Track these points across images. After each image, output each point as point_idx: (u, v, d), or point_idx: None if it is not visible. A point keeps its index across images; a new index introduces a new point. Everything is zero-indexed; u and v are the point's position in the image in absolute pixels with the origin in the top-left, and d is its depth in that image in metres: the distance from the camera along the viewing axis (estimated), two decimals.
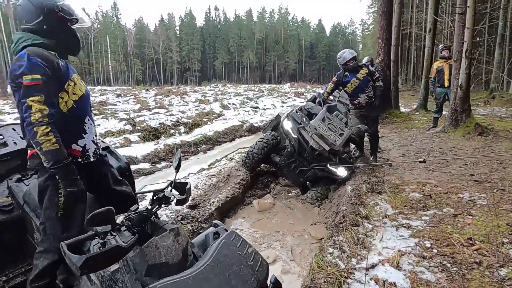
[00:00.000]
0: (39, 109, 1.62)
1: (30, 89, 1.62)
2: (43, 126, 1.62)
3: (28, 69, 1.63)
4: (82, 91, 1.91)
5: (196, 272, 1.47)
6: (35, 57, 1.65)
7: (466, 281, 2.15)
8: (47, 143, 1.62)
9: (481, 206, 3.35)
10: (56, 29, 1.81)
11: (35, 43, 1.74)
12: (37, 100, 1.62)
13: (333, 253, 2.46)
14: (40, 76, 1.65)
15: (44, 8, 1.77)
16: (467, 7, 6.39)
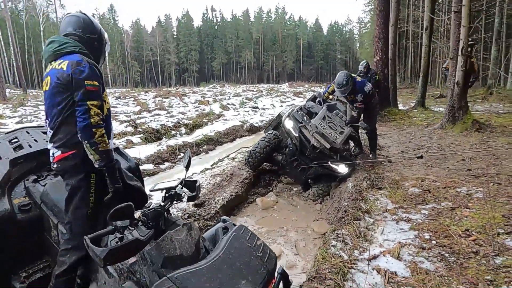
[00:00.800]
0: (97, 113, 1.79)
1: (91, 94, 1.78)
2: (100, 128, 1.79)
3: (90, 75, 1.79)
4: (107, 100, 2.05)
5: (209, 263, 1.57)
6: (93, 66, 1.84)
7: (463, 269, 2.26)
8: (103, 143, 1.80)
9: (478, 199, 3.46)
10: (99, 49, 2.03)
11: (82, 52, 1.89)
12: (95, 105, 1.79)
13: (336, 245, 2.57)
14: (98, 83, 1.83)
15: (101, 30, 2.03)
16: (463, 5, 6.51)
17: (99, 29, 2.03)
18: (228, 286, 1.50)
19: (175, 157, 6.90)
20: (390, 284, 2.12)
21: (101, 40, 2.05)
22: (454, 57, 6.99)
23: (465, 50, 6.65)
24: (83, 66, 1.79)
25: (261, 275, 1.65)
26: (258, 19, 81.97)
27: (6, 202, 2.13)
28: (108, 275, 1.94)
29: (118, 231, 1.66)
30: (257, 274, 1.64)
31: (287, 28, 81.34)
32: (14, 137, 2.56)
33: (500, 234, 2.68)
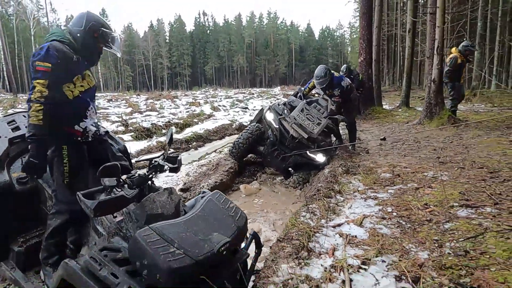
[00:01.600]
0: (40, 90, 1.94)
1: (39, 73, 1.96)
2: (37, 103, 1.93)
3: (43, 57, 1.98)
4: (90, 85, 2.28)
5: (186, 218, 1.82)
6: (53, 50, 2.00)
7: (416, 233, 2.55)
8: (34, 118, 1.94)
9: (441, 181, 3.76)
10: (87, 42, 2.20)
11: (62, 40, 2.11)
12: (41, 83, 1.95)
13: (306, 216, 2.85)
14: (51, 65, 1.98)
15: (90, 25, 2.18)
16: (437, 7, 6.90)
17: (88, 24, 2.18)
18: (202, 236, 1.75)
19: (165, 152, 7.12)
20: (349, 244, 2.40)
21: (88, 35, 2.19)
22: (430, 56, 7.37)
23: (440, 50, 7.03)
24: (41, 50, 1.99)
25: (232, 230, 1.90)
26: (250, 24, 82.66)
27: (5, 175, 2.38)
28: (98, 235, 2.19)
29: (106, 190, 1.93)
30: (228, 229, 1.89)
31: (279, 33, 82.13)
32: (12, 119, 2.80)
33: (454, 207, 2.98)
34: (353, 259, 2.18)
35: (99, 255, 1.76)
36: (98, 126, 2.42)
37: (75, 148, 2.21)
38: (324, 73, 5.09)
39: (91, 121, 2.31)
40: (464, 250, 2.19)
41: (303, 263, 2.13)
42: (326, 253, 2.29)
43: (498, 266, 1.97)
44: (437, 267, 2.02)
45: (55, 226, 2.17)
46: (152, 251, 1.56)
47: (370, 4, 10.20)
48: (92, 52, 2.28)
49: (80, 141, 2.24)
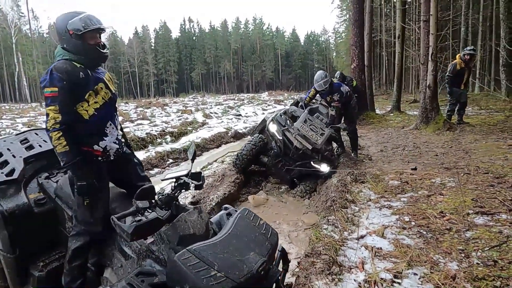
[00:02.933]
0: (54, 117, 1.90)
1: (48, 100, 1.92)
2: (55, 131, 1.90)
3: (49, 82, 1.92)
4: (106, 98, 2.14)
5: (221, 239, 1.79)
6: (57, 72, 1.92)
7: (439, 242, 2.57)
8: (59, 146, 1.91)
9: (450, 187, 3.83)
10: (74, 45, 2.01)
11: (65, 58, 2.02)
12: (53, 109, 1.91)
13: (328, 228, 2.85)
14: (58, 89, 1.91)
15: (60, 31, 2.02)
16: (430, 15, 7.07)
17: (59, 32, 2.03)
18: (239, 256, 1.72)
19: (164, 163, 7.04)
20: (377, 257, 2.40)
21: (67, 39, 2.02)
22: (425, 62, 7.53)
23: (435, 56, 7.20)
24: (46, 74, 1.94)
25: (266, 248, 1.87)
26: (236, 30, 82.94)
27: (23, 197, 2.29)
28: (125, 257, 2.12)
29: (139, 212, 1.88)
30: (263, 247, 1.87)
31: (265, 39, 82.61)
32: (25, 137, 2.71)
33: (470, 214, 3.02)
34: (384, 273, 2.18)
35: (135, 280, 1.72)
36: (121, 143, 2.31)
37: (96, 168, 2.14)
38: (324, 75, 5.30)
39: (112, 139, 2.20)
40: (493, 260, 2.22)
41: (336, 279, 2.12)
42: (356, 267, 2.28)
43: None
44: (470, 279, 2.04)
45: (75, 247, 2.11)
46: (194, 275, 1.53)
47: (362, 11, 10.38)
48: (85, 51, 2.06)
49: (101, 160, 2.17)
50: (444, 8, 22.48)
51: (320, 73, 5.32)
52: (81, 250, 2.13)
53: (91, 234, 2.12)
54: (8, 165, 2.42)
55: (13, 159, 2.47)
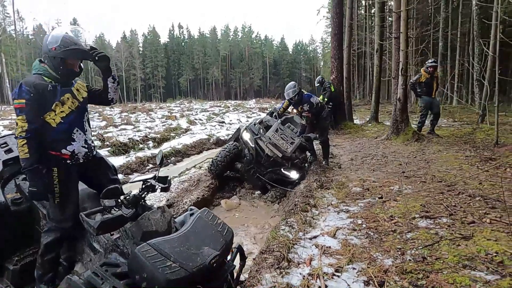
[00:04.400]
0: (21, 126, 2.10)
1: (17, 110, 2.13)
2: (21, 139, 2.11)
3: (18, 95, 2.13)
4: (72, 107, 2.32)
5: (179, 235, 2.03)
6: (25, 86, 2.13)
7: (382, 242, 2.87)
8: (22, 152, 2.12)
9: (405, 194, 4.16)
10: (52, 63, 2.23)
11: (38, 73, 2.25)
12: (20, 119, 2.11)
13: (285, 229, 3.12)
14: (25, 101, 2.11)
15: (44, 49, 2.24)
16: (400, 32, 7.53)
17: (43, 49, 2.24)
18: (194, 250, 1.96)
19: (144, 168, 7.22)
20: (324, 254, 2.69)
21: (47, 57, 2.23)
22: (396, 77, 7.98)
23: (404, 71, 7.64)
24: (17, 88, 2.15)
25: (220, 244, 2.12)
26: (225, 37, 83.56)
27: (1, 196, 2.49)
28: (94, 252, 2.35)
29: (106, 210, 2.12)
30: (217, 242, 2.11)
31: (253, 46, 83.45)
32: (4, 142, 2.91)
33: (415, 218, 3.35)
34: (327, 267, 2.46)
35: (100, 270, 1.93)
36: (91, 147, 2.51)
37: (65, 170, 2.33)
38: (293, 85, 5.70)
39: (80, 143, 2.40)
40: (422, 257, 2.53)
41: (284, 272, 2.38)
42: (304, 263, 2.55)
43: (449, 270, 2.31)
44: (399, 272, 2.33)
45: (47, 242, 2.29)
46: (151, 265, 1.76)
47: (341, 25, 10.85)
48: (60, 70, 2.26)
49: (70, 163, 2.37)
50: (423, 24, 23.41)
51: (290, 84, 5.71)
52: (53, 245, 2.32)
53: (62, 230, 2.31)
54: None
55: None
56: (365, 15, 31.64)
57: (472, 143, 7.01)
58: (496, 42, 8.42)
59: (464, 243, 2.68)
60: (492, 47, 8.65)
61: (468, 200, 3.73)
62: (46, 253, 2.31)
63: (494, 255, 2.43)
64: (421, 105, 8.39)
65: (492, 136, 7.25)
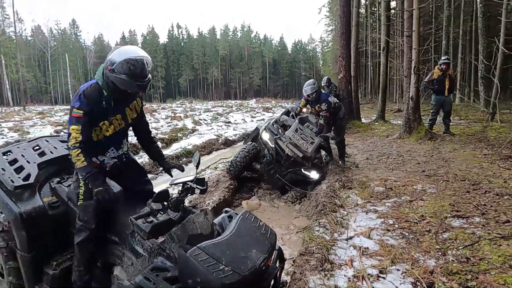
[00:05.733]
0: (75, 137, 2.09)
1: (73, 119, 2.09)
2: (74, 149, 2.09)
3: (78, 104, 2.09)
4: (117, 129, 2.30)
5: (226, 237, 2.00)
6: (85, 98, 2.09)
7: (419, 243, 2.85)
8: (78, 162, 2.10)
9: (430, 193, 4.15)
10: (106, 80, 2.13)
11: (98, 82, 2.16)
12: (75, 129, 2.09)
13: (319, 230, 3.09)
14: (83, 112, 2.08)
15: (108, 59, 2.11)
16: (413, 31, 7.51)
17: (109, 57, 2.10)
18: (243, 253, 1.93)
19: (157, 169, 7.17)
20: (364, 255, 2.66)
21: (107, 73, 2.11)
22: (408, 75, 7.95)
23: (417, 69, 7.62)
24: (77, 95, 2.11)
25: (267, 246, 2.09)
26: (225, 37, 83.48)
27: (38, 200, 2.45)
28: (137, 256, 2.30)
29: (152, 213, 2.09)
30: (263, 245, 2.08)
31: (253, 46, 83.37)
32: (36, 144, 2.87)
33: (447, 218, 3.33)
34: (371, 269, 2.43)
35: (151, 274, 1.90)
36: (122, 158, 2.49)
37: None
38: (313, 82, 5.68)
39: (111, 156, 2.40)
40: (465, 257, 2.50)
41: (328, 275, 2.36)
42: (345, 264, 2.53)
43: (496, 270, 2.29)
44: (445, 273, 2.31)
45: (78, 241, 2.28)
46: (205, 269, 1.72)
47: (349, 24, 10.83)
48: (116, 94, 2.18)
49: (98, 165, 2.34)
50: (426, 22, 23.40)
51: (310, 81, 5.69)
52: (83, 244, 2.29)
53: (89, 230, 2.29)
54: (24, 170, 2.58)
55: (27, 164, 2.64)
56: (366, 14, 31.60)
57: (486, 141, 6.99)
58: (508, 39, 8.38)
59: (505, 243, 2.66)
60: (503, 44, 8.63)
61: (496, 199, 3.71)
62: (79, 253, 2.31)
63: None
64: (433, 103, 8.34)
65: (505, 134, 7.24)
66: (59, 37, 66.83)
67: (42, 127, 12.12)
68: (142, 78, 2.09)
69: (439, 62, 8.04)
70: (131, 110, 2.36)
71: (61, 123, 13.15)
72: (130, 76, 2.04)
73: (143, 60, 2.07)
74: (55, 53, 60.71)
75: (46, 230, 2.41)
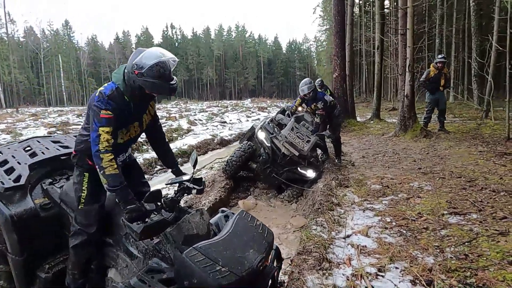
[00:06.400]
0: (107, 139, 1.93)
1: (103, 120, 1.92)
2: (107, 153, 1.93)
3: (105, 105, 1.94)
4: (132, 135, 2.22)
5: (223, 238, 1.96)
6: (112, 101, 1.96)
7: (417, 240, 2.83)
8: (110, 168, 1.93)
9: (427, 191, 4.14)
10: (131, 84, 1.99)
11: (118, 86, 2.02)
12: (107, 131, 1.93)
13: (317, 229, 3.06)
14: (113, 114, 1.95)
15: (128, 65, 2.01)
16: (407, 29, 7.52)
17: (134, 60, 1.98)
18: (240, 253, 1.89)
19: (152, 170, 7.11)
20: (362, 254, 2.63)
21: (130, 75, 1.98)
22: (403, 73, 7.96)
23: (412, 67, 7.63)
24: (102, 97, 1.95)
25: (264, 246, 2.05)
26: (219, 37, 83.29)
27: (30, 202, 2.39)
28: (131, 257, 2.26)
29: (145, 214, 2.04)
30: (261, 245, 2.04)
31: (247, 46, 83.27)
32: (27, 145, 2.81)
33: (444, 215, 3.32)
34: (369, 267, 2.40)
35: (146, 276, 1.86)
36: (126, 160, 2.42)
37: (96, 177, 2.14)
38: (309, 81, 5.61)
39: (118, 160, 2.25)
40: (464, 254, 2.49)
41: (327, 274, 2.33)
42: (344, 263, 2.50)
43: (495, 267, 2.27)
44: (444, 270, 2.29)
45: (74, 245, 2.20)
46: (201, 270, 1.68)
47: (343, 23, 10.83)
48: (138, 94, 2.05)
49: None
50: (420, 21, 23.52)
51: (306, 80, 5.64)
52: (79, 248, 2.21)
53: (87, 234, 2.21)
54: (15, 171, 2.52)
55: (18, 165, 2.57)
56: (360, 13, 31.71)
57: (481, 138, 7.02)
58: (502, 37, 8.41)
59: (503, 239, 2.66)
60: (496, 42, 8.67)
61: (493, 195, 3.71)
62: (75, 257, 2.23)
63: None
64: (428, 101, 8.37)
65: (500, 131, 7.28)
66: (51, 38, 66.07)
67: (35, 128, 12.00)
68: (172, 80, 2.02)
69: (435, 60, 8.06)
70: (147, 115, 2.26)
71: (55, 125, 13.03)
72: (162, 79, 1.94)
73: (172, 62, 1.99)
74: (48, 54, 60.05)
75: (38, 233, 2.35)
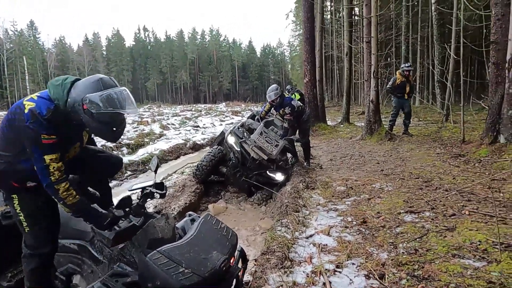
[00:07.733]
0: (58, 168, 1.72)
1: (46, 147, 1.68)
2: (63, 183, 1.76)
3: (45, 129, 1.68)
4: (70, 157, 2.01)
5: (187, 240, 2.03)
6: (49, 123, 1.70)
7: (374, 238, 3.02)
8: (70, 197, 1.79)
9: (387, 191, 4.38)
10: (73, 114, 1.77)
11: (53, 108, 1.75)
12: (54, 158, 1.71)
13: (281, 230, 3.20)
14: (55, 137, 1.71)
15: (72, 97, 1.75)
16: (372, 37, 7.89)
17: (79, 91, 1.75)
18: (204, 255, 1.98)
19: (122, 175, 7.03)
20: (323, 252, 2.79)
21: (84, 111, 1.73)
22: (368, 79, 8.33)
23: (376, 74, 8.00)
24: (37, 117, 1.68)
25: (227, 248, 2.15)
26: (193, 40, 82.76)
27: None
28: (97, 263, 2.28)
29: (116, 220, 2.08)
30: (224, 246, 2.14)
31: (221, 50, 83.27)
32: None
33: (401, 213, 3.54)
34: (328, 264, 2.56)
35: (110, 280, 1.91)
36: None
37: (28, 196, 1.95)
38: (275, 88, 5.74)
39: None
40: (414, 249, 2.69)
41: (288, 271, 2.45)
42: (305, 261, 2.64)
43: (440, 260, 2.48)
44: (395, 264, 2.47)
45: (30, 269, 2.02)
46: (164, 273, 1.76)
47: (313, 30, 11.16)
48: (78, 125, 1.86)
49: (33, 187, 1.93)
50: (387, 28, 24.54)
51: (272, 87, 5.79)
52: (37, 272, 2.04)
53: (40, 256, 2.01)
54: None
55: None
56: (331, 20, 32.58)
57: (440, 141, 7.46)
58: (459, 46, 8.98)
59: (450, 234, 2.89)
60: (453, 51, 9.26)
61: (445, 194, 3.99)
62: (32, 282, 2.03)
63: (478, 243, 2.64)
64: (394, 105, 8.78)
65: (457, 134, 7.76)
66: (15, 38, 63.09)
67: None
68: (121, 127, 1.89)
69: (401, 68, 8.46)
70: (86, 131, 2.08)
71: None
72: (109, 126, 1.80)
73: (126, 94, 1.80)
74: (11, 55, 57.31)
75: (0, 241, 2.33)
